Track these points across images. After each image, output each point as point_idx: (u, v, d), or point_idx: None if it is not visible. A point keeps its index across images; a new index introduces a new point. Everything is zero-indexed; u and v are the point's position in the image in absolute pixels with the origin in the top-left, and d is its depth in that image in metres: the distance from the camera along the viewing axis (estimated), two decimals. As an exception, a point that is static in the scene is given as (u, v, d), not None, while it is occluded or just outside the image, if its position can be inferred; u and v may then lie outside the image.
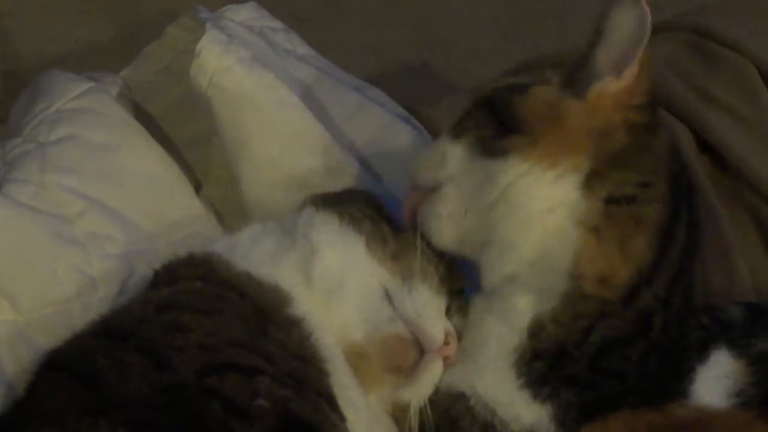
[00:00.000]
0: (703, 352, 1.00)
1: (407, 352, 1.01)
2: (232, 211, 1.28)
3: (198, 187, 1.31)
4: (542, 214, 1.00)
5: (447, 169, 1.06)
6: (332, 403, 0.96)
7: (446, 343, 1.02)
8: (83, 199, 1.21)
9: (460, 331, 1.05)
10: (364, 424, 0.99)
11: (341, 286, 1.03)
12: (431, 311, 1.03)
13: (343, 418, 0.96)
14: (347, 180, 1.24)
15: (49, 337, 1.02)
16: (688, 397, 0.97)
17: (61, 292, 1.14)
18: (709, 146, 1.29)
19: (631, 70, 1.00)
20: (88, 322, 1.01)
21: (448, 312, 1.06)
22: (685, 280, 1.02)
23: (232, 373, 0.91)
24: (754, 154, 1.27)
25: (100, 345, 0.95)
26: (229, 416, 0.89)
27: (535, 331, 0.99)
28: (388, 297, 1.03)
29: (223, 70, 1.25)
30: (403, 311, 1.02)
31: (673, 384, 0.98)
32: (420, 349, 1.01)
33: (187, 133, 1.33)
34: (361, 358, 1.01)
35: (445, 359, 1.02)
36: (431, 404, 1.02)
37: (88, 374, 0.91)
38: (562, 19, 2.19)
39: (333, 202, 1.11)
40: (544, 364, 0.99)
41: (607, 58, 1.01)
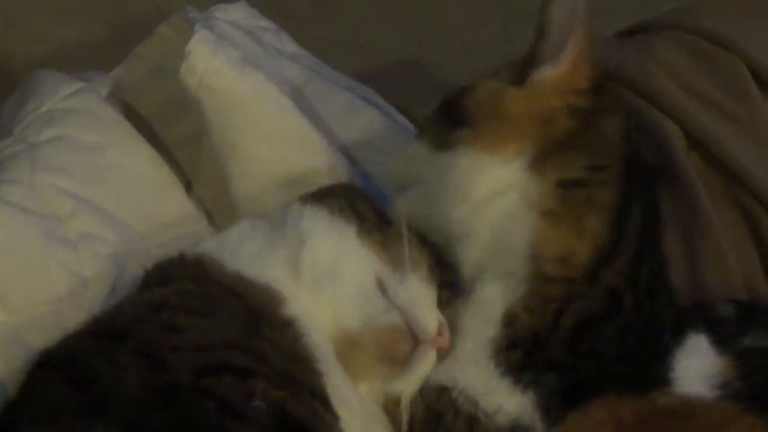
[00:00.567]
0: (678, 333, 1.01)
1: (402, 343, 1.01)
2: (222, 210, 1.28)
3: (188, 187, 1.31)
4: (493, 197, 1.04)
5: (413, 168, 1.11)
6: (326, 402, 0.95)
7: (439, 334, 1.02)
8: (74, 199, 1.21)
9: (452, 323, 1.05)
10: (358, 422, 0.99)
11: (334, 276, 1.03)
12: (425, 301, 1.04)
13: (337, 417, 0.96)
14: (337, 179, 1.24)
15: (41, 338, 1.01)
16: (670, 386, 0.98)
17: (53, 292, 1.14)
18: (699, 143, 1.29)
19: (567, 56, 1.04)
20: (81, 323, 1.01)
21: (439, 303, 1.06)
22: (649, 259, 1.04)
23: (228, 374, 0.91)
24: (745, 152, 1.27)
25: (94, 346, 0.95)
26: (225, 417, 0.88)
27: (509, 321, 1.01)
28: (382, 286, 1.03)
29: (213, 71, 1.25)
30: (398, 301, 1.02)
31: (652, 367, 0.99)
32: (414, 339, 1.01)
33: (178, 133, 1.32)
34: (355, 348, 1.01)
35: (439, 350, 1.02)
36: (417, 399, 1.02)
37: (83, 375, 0.91)
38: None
39: (322, 196, 1.12)
40: (521, 352, 1.00)
41: (546, 48, 1.05)
